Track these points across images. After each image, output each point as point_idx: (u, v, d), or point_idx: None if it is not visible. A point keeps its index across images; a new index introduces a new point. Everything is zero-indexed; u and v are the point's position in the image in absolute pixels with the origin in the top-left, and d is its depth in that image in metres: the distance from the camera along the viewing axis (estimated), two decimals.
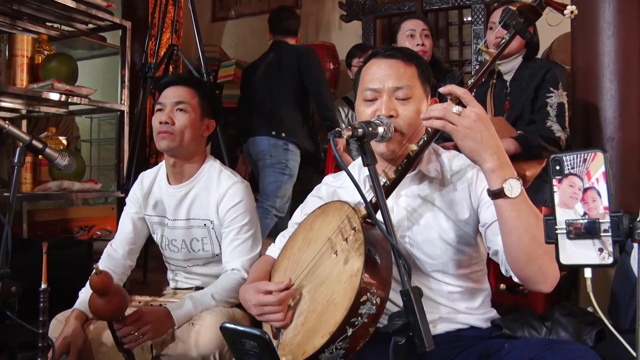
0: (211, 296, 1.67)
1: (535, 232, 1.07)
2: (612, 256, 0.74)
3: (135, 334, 1.49)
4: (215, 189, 1.82)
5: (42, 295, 1.40)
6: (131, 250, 1.92)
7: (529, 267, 1.11)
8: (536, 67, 2.34)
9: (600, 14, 2.35)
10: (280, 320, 1.21)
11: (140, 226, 1.95)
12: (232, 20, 6.10)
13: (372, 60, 1.38)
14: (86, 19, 2.99)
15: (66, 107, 3.26)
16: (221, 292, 1.69)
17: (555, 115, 2.24)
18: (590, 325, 1.53)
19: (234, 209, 1.79)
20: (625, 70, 2.33)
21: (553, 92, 2.26)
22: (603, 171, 0.76)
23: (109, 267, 1.84)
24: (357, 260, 1.11)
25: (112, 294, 1.41)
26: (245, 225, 1.80)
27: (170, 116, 1.78)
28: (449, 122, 1.09)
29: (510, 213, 1.09)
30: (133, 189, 1.97)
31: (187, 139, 1.79)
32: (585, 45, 2.44)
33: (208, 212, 1.83)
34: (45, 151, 1.59)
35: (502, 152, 1.10)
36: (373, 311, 1.06)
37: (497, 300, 1.56)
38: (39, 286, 1.40)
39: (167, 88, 1.85)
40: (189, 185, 1.85)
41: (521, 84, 2.35)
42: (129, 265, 1.92)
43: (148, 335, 1.52)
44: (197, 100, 1.83)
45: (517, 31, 1.23)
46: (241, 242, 1.78)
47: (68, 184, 2.75)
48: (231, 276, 1.73)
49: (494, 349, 1.21)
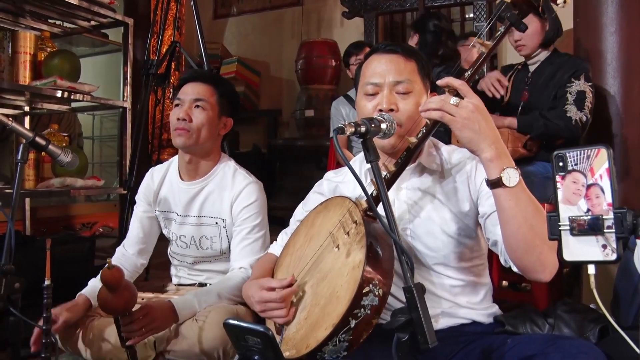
0: (217, 293, 1.68)
1: (533, 221, 1.08)
2: (615, 253, 0.74)
3: (142, 329, 1.49)
4: (230, 187, 1.82)
5: (46, 292, 1.40)
6: (142, 249, 1.92)
7: (527, 256, 1.12)
8: (560, 63, 2.35)
9: (603, 10, 2.35)
10: (283, 316, 1.21)
11: (150, 225, 1.94)
12: (234, 17, 6.10)
13: (372, 55, 1.40)
14: (88, 16, 2.99)
15: (68, 104, 3.26)
16: (227, 289, 1.69)
17: (573, 100, 2.24)
18: (593, 321, 1.53)
19: (248, 209, 1.79)
20: (628, 66, 2.33)
21: (574, 82, 2.26)
22: (607, 167, 0.75)
23: (121, 263, 1.84)
24: (359, 252, 1.11)
25: (122, 289, 1.41)
26: (257, 226, 1.80)
27: (188, 113, 1.77)
28: (446, 113, 1.11)
29: (508, 202, 1.10)
30: (143, 185, 1.96)
31: (203, 136, 1.78)
32: (588, 42, 2.44)
33: (221, 210, 1.83)
34: (48, 148, 1.59)
35: (500, 142, 1.11)
36: (376, 303, 1.06)
37: (500, 296, 1.57)
38: (42, 283, 1.41)
39: (186, 84, 1.83)
40: (203, 183, 1.85)
41: (543, 77, 2.37)
42: (141, 263, 1.93)
43: (152, 330, 1.52)
44: (215, 98, 1.82)
45: (511, 23, 1.24)
46: (251, 241, 1.78)
47: (71, 181, 2.75)
48: (238, 274, 1.73)
49: (497, 345, 1.21)
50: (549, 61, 2.39)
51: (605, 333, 1.50)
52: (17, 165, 1.53)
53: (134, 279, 1.90)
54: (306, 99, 5.09)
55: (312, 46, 5.12)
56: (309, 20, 5.66)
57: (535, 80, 2.41)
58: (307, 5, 5.65)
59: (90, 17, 2.99)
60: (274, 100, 5.78)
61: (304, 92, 5.15)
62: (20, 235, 3.02)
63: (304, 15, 5.67)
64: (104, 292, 1.41)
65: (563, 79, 2.29)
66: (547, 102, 2.32)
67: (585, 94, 2.24)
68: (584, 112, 2.22)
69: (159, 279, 2.40)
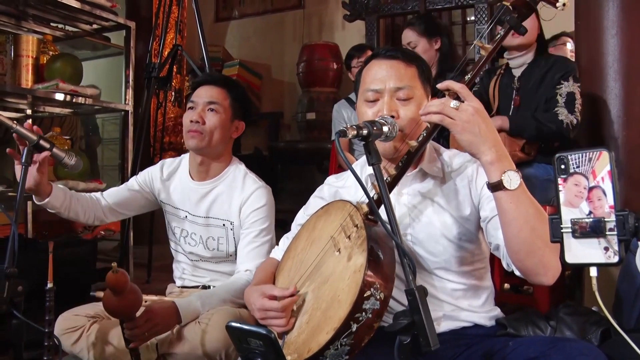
0: (220, 296, 1.68)
1: (534, 223, 1.08)
2: (617, 255, 0.74)
3: (145, 334, 1.50)
4: (240, 191, 1.84)
5: (48, 294, 1.41)
6: (114, 206, 1.93)
7: (529, 259, 1.12)
8: (548, 65, 2.34)
9: (604, 12, 2.35)
10: (283, 326, 1.21)
11: (132, 198, 1.95)
12: (236, 20, 6.12)
13: (373, 61, 1.38)
14: (90, 20, 3.00)
15: (70, 107, 3.27)
16: (231, 292, 1.70)
17: (564, 102, 2.24)
18: (595, 324, 1.53)
19: (257, 212, 1.80)
20: (629, 68, 2.33)
21: (563, 84, 2.26)
22: (608, 170, 0.76)
23: (86, 200, 1.86)
24: (360, 256, 1.11)
25: (127, 293, 1.41)
26: (264, 230, 1.81)
27: (202, 115, 1.80)
28: (446, 116, 1.11)
29: (509, 205, 1.10)
30: (148, 172, 1.98)
31: (216, 139, 1.81)
32: (589, 44, 2.44)
33: (229, 212, 1.84)
34: (52, 151, 1.60)
35: (501, 145, 1.11)
36: (377, 306, 1.06)
37: (502, 299, 1.57)
38: (44, 285, 1.41)
39: (200, 87, 1.86)
40: (213, 184, 1.87)
41: (532, 80, 2.35)
42: (103, 211, 1.91)
43: (155, 333, 1.53)
44: (229, 101, 1.84)
45: (511, 26, 1.24)
46: (258, 245, 1.79)
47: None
48: (243, 277, 1.74)
49: (498, 347, 1.21)
50: (535, 64, 2.38)
51: (607, 336, 1.50)
52: (21, 168, 1.53)
53: (85, 212, 1.87)
54: (307, 102, 5.10)
55: (313, 49, 5.13)
56: (311, 23, 5.67)
57: (525, 84, 2.39)
58: (309, 8, 5.66)
59: (92, 20, 3.00)
60: (275, 103, 5.79)
61: (305, 95, 5.16)
62: (22, 239, 3.03)
63: (306, 18, 5.68)
64: (108, 296, 1.41)
65: (554, 80, 2.28)
66: (541, 104, 2.32)
67: (575, 95, 2.25)
68: (574, 115, 2.23)
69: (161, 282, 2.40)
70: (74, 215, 1.82)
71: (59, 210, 1.77)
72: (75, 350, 1.65)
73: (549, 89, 2.30)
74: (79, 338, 1.64)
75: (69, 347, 1.65)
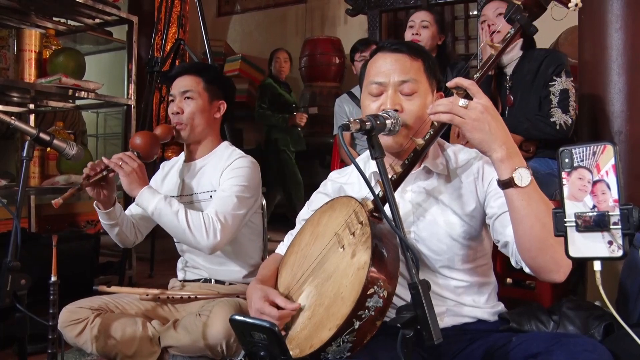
0: (179, 211, 1.69)
1: (546, 220, 1.07)
2: (621, 249, 0.74)
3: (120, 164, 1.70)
4: (225, 161, 1.87)
5: (52, 288, 1.41)
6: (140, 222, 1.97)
7: (541, 256, 1.11)
8: (538, 59, 2.31)
9: (608, 7, 2.33)
10: None
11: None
12: (238, 14, 6.11)
13: (378, 54, 1.37)
14: (93, 14, 3.00)
15: (73, 102, 3.27)
16: (188, 214, 1.69)
17: (557, 102, 2.22)
18: (598, 319, 1.53)
19: (234, 171, 1.82)
20: (633, 63, 2.31)
21: (556, 80, 2.24)
22: (613, 164, 0.75)
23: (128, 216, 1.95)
24: (364, 253, 1.11)
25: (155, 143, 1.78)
26: (237, 186, 1.79)
27: (180, 106, 1.88)
28: (456, 115, 1.09)
29: (520, 202, 1.09)
30: (154, 177, 2.06)
31: (197, 123, 1.89)
32: (593, 39, 2.43)
33: (213, 181, 1.87)
34: (53, 142, 1.60)
35: (511, 142, 1.10)
36: (380, 304, 1.06)
37: (504, 294, 1.56)
38: (47, 279, 1.41)
39: (174, 80, 1.94)
40: (202, 162, 1.93)
41: (524, 77, 2.33)
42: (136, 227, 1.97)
43: (122, 170, 1.70)
44: (202, 85, 1.91)
45: (521, 25, 1.23)
46: (227, 195, 1.77)
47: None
48: (203, 215, 1.71)
49: (501, 343, 1.21)
50: (526, 58, 2.35)
51: (610, 330, 1.50)
52: (23, 163, 1.53)
53: (133, 227, 1.94)
54: (310, 96, 5.09)
55: (315, 43, 5.12)
56: (313, 17, 5.66)
57: (517, 81, 2.35)
58: (311, 2, 5.65)
59: (95, 14, 3.00)
60: None
61: (307, 89, 5.15)
62: (25, 233, 3.04)
63: (308, 13, 5.67)
64: (146, 135, 1.79)
65: (546, 76, 2.25)
66: (536, 103, 2.28)
67: (569, 92, 2.22)
68: (569, 115, 2.20)
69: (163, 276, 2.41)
70: (127, 231, 1.90)
71: (117, 221, 1.85)
72: (79, 342, 1.66)
73: (542, 87, 2.27)
74: (82, 330, 1.65)
75: (72, 339, 1.66)
